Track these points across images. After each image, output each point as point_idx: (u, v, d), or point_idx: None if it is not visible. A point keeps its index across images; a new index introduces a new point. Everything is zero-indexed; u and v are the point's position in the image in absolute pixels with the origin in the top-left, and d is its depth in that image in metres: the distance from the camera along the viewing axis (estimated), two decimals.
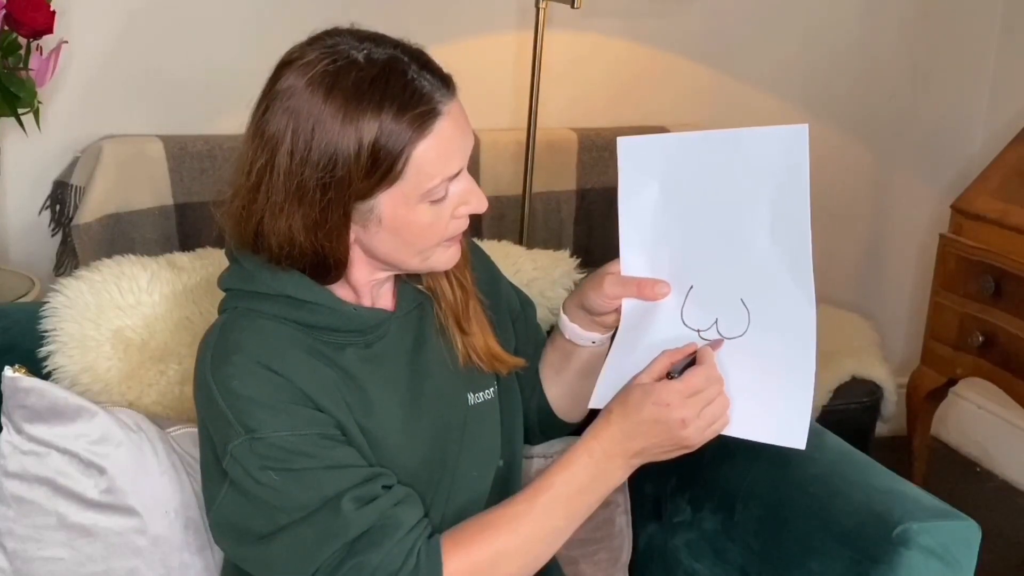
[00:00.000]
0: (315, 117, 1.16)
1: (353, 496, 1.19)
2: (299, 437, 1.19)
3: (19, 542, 1.38)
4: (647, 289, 1.34)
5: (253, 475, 1.19)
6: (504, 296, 1.49)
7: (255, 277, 1.25)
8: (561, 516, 1.26)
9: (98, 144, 2.27)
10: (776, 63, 2.91)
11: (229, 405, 1.20)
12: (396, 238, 1.23)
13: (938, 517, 1.34)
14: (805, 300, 1.26)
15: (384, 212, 1.20)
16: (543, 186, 2.55)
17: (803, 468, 1.41)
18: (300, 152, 1.17)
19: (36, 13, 1.99)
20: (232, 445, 1.19)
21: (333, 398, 1.23)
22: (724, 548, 1.51)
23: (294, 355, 1.23)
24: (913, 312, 3.19)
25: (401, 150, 1.17)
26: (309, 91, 1.17)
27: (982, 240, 2.55)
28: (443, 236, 1.25)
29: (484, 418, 1.38)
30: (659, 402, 1.23)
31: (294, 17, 2.30)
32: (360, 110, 1.16)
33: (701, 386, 1.24)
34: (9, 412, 1.39)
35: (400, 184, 1.19)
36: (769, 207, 1.27)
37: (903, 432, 2.87)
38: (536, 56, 2.36)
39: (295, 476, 1.19)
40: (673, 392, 1.23)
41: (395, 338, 1.31)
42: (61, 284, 1.51)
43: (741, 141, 1.28)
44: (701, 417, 1.24)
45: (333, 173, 1.17)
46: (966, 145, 3.15)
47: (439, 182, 1.21)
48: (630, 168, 1.33)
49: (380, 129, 1.16)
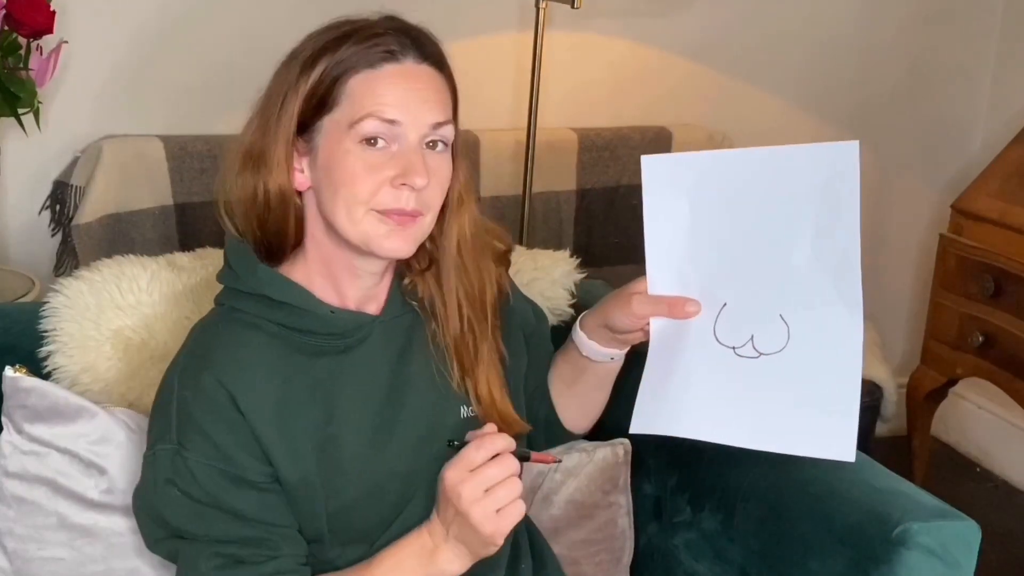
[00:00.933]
0: (283, 73, 1.24)
1: (221, 552, 1.20)
2: (218, 471, 1.20)
3: (19, 542, 1.38)
4: (677, 308, 1.32)
5: (158, 481, 1.21)
6: (518, 312, 1.46)
7: (238, 275, 1.27)
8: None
9: (98, 144, 2.27)
10: (776, 63, 2.91)
11: (179, 413, 1.21)
12: (327, 179, 1.22)
13: (938, 517, 1.34)
14: (850, 313, 1.26)
15: (320, 144, 1.23)
16: (543, 186, 2.55)
17: (803, 468, 1.41)
18: (263, 101, 1.24)
19: (36, 13, 1.99)
20: (159, 446, 1.22)
21: (289, 427, 1.23)
22: (724, 548, 1.51)
23: (264, 376, 1.23)
24: (913, 312, 3.19)
25: (341, 74, 1.21)
26: (288, 57, 1.24)
27: (982, 240, 2.55)
28: (370, 195, 1.20)
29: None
30: (443, 474, 1.23)
31: (294, 17, 2.28)
32: (321, 51, 1.21)
33: (475, 459, 1.21)
34: (9, 412, 1.39)
35: (336, 112, 1.21)
36: (814, 222, 1.26)
37: (903, 432, 2.87)
38: (536, 56, 2.36)
39: (192, 503, 1.20)
40: (450, 463, 1.22)
41: (377, 343, 1.29)
42: (61, 284, 1.51)
43: (786, 158, 1.28)
44: (488, 497, 1.20)
45: (285, 105, 1.22)
46: (966, 145, 3.15)
47: (367, 112, 1.20)
48: (655, 186, 1.31)
49: (331, 59, 1.21)
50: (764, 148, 1.29)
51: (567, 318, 1.70)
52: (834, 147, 1.26)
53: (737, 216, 1.30)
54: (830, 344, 1.27)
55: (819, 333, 1.27)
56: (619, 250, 2.61)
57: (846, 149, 1.25)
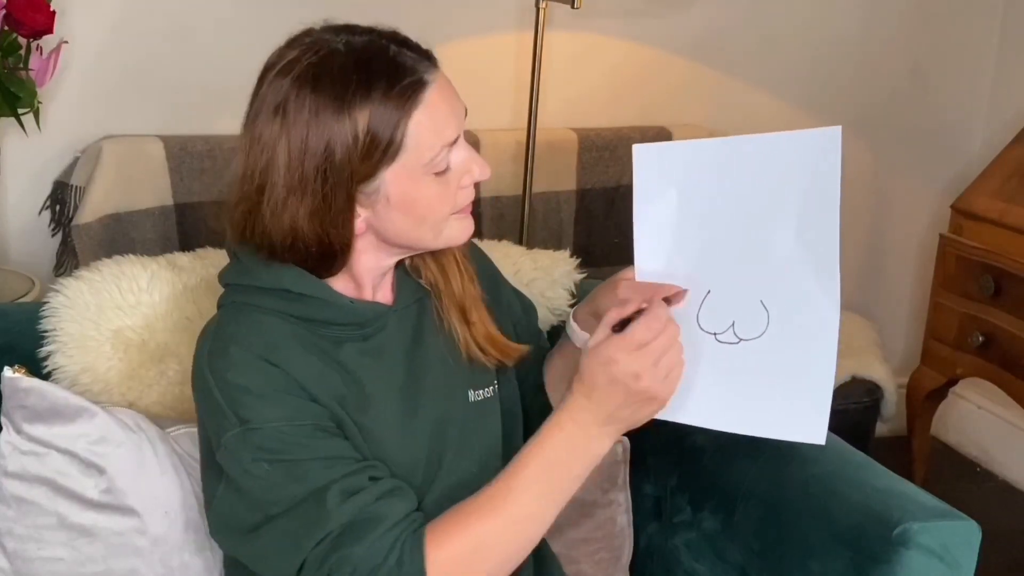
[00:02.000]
0: (307, 111, 1.18)
1: (339, 488, 1.19)
2: (293, 427, 1.20)
3: (19, 542, 1.38)
4: (663, 295, 1.34)
5: (245, 466, 1.19)
6: (505, 300, 1.49)
7: (252, 272, 1.26)
8: (540, 494, 1.23)
9: (98, 144, 2.27)
10: (776, 63, 2.91)
11: (225, 396, 1.20)
12: (407, 215, 1.24)
13: (938, 517, 1.34)
14: (829, 300, 1.27)
15: (391, 190, 1.22)
16: (543, 186, 2.55)
17: (803, 468, 1.41)
18: (298, 147, 1.18)
19: (36, 13, 1.99)
20: (226, 436, 1.20)
21: (329, 391, 1.23)
22: (724, 548, 1.51)
23: (291, 348, 1.23)
24: (913, 312, 3.19)
25: (395, 125, 1.19)
26: (297, 87, 1.18)
27: (982, 240, 2.55)
28: (452, 207, 1.26)
29: (485, 415, 1.37)
30: (606, 361, 1.20)
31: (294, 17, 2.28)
32: (350, 95, 1.18)
33: (645, 337, 1.20)
34: (9, 412, 1.39)
35: (401, 159, 1.20)
36: (797, 209, 1.27)
37: (903, 432, 2.87)
38: (536, 56, 2.36)
39: (286, 467, 1.19)
40: (617, 348, 1.20)
41: (393, 332, 1.31)
42: (61, 284, 1.51)
43: (771, 145, 1.28)
44: (657, 367, 1.20)
45: (333, 160, 1.18)
46: (966, 145, 3.15)
47: (438, 150, 1.22)
48: (646, 175, 1.33)
49: (372, 110, 1.18)
50: (750, 136, 1.30)
51: (567, 318, 1.69)
52: (817, 133, 1.27)
53: (723, 203, 1.31)
54: (807, 328, 1.28)
55: (797, 318, 1.28)
56: (619, 250, 2.60)
57: (829, 134, 1.26)
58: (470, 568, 1.20)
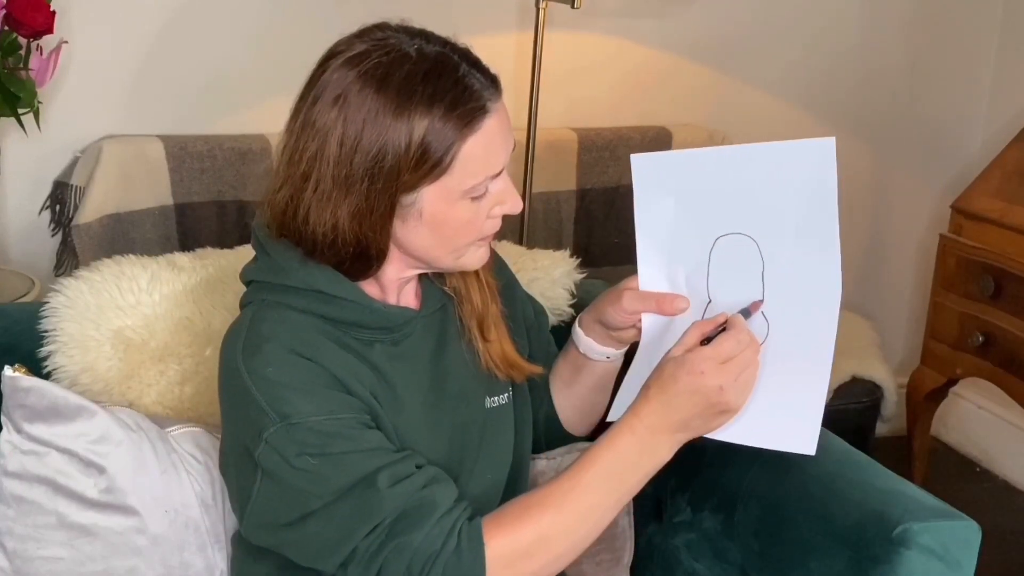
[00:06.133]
0: (366, 109, 1.17)
1: (388, 473, 1.19)
2: (335, 420, 1.19)
3: (19, 542, 1.38)
4: (667, 304, 1.34)
5: (290, 461, 1.18)
6: (519, 305, 1.49)
7: (285, 270, 1.25)
8: (606, 494, 1.23)
9: (98, 144, 2.27)
10: (776, 63, 2.92)
11: (263, 392, 1.19)
12: (434, 234, 1.24)
13: (938, 517, 1.34)
14: (827, 312, 1.27)
15: (426, 206, 1.22)
16: (543, 186, 2.55)
17: (803, 468, 1.41)
18: (350, 143, 1.18)
19: (36, 13, 1.99)
20: (268, 433, 1.19)
21: (364, 386, 1.24)
22: (724, 548, 1.51)
23: (324, 344, 1.23)
24: (913, 312, 3.19)
25: (450, 146, 1.19)
26: (361, 82, 1.18)
27: (982, 240, 2.55)
28: (478, 235, 1.27)
29: (500, 421, 1.38)
30: (693, 371, 1.22)
31: (294, 18, 2.30)
32: (412, 104, 1.17)
33: (733, 351, 1.23)
34: (9, 412, 1.39)
35: (445, 179, 1.20)
36: (794, 220, 1.27)
37: (903, 432, 2.87)
38: (536, 56, 2.36)
39: (332, 460, 1.18)
40: (706, 359, 1.22)
41: (420, 337, 1.32)
42: (61, 284, 1.51)
43: (764, 155, 1.29)
44: (739, 381, 1.23)
45: (382, 164, 1.18)
46: (966, 145, 3.15)
47: (482, 179, 1.23)
48: (644, 184, 1.34)
49: (431, 124, 1.18)
50: (744, 145, 1.30)
51: (567, 318, 1.70)
52: (811, 144, 1.27)
53: (721, 213, 1.31)
54: (805, 340, 1.28)
55: (795, 330, 1.28)
56: (619, 250, 2.61)
57: (822, 146, 1.26)
58: (529, 559, 1.20)
